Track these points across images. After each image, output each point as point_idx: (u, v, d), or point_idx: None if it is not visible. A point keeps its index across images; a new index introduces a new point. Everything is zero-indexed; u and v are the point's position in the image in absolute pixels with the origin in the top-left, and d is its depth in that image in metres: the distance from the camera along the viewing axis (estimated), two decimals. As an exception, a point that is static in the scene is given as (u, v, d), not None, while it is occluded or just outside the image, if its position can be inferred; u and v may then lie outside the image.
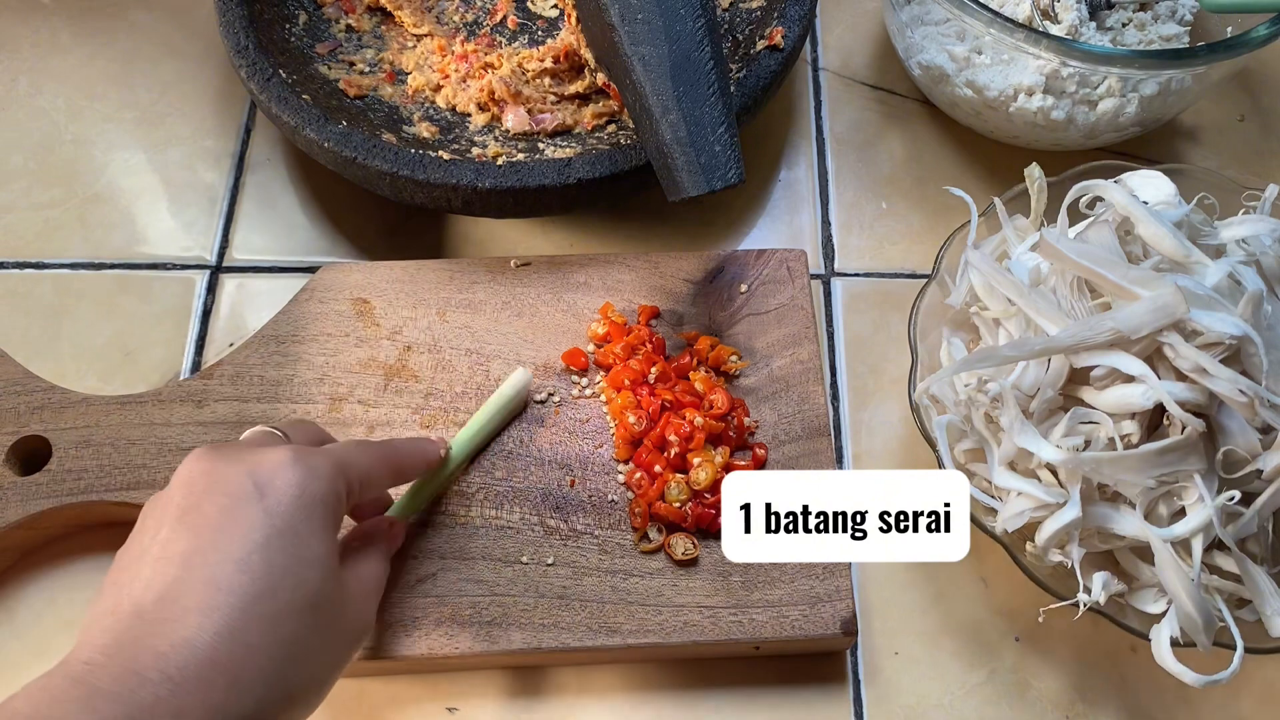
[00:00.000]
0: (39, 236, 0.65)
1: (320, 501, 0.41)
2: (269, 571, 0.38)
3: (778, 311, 0.59)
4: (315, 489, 0.41)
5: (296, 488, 0.40)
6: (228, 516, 0.39)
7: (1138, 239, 0.51)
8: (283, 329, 0.58)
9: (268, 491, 0.40)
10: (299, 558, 0.39)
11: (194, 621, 0.36)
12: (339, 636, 0.41)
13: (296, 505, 0.40)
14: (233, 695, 0.35)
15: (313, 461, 0.41)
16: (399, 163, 0.58)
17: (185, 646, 0.35)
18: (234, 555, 0.38)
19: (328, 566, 0.40)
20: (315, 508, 0.40)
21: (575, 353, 0.57)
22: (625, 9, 0.55)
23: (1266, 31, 0.57)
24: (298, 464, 0.41)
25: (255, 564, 0.38)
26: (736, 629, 0.51)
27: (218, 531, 0.38)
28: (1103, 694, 0.54)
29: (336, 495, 0.42)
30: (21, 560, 0.55)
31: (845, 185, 0.69)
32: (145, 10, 0.74)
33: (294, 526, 0.39)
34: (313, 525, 0.40)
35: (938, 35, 0.65)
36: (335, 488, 0.42)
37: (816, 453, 0.55)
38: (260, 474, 0.40)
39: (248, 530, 0.38)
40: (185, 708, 0.34)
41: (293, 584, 0.38)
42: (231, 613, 0.37)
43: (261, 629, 0.37)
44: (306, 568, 0.39)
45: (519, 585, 0.52)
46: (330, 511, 0.41)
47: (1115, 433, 0.47)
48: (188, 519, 0.39)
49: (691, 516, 0.52)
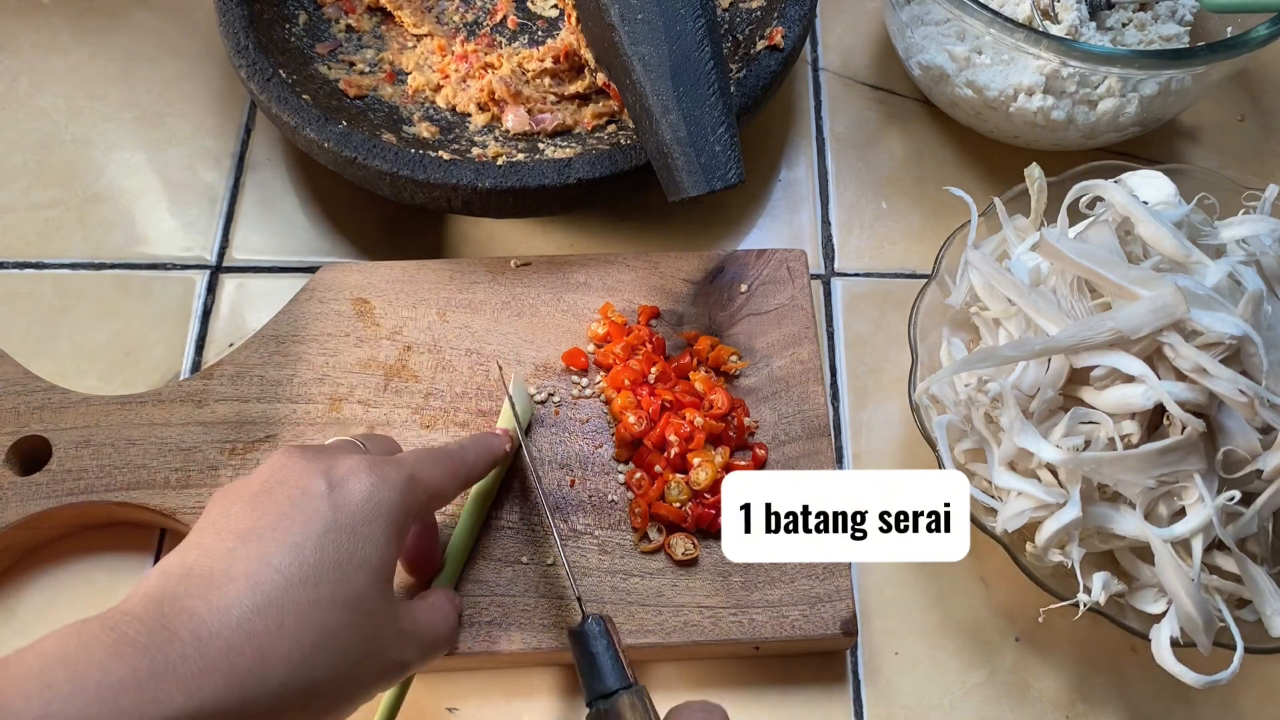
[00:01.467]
0: (39, 236, 0.65)
1: (387, 510, 0.41)
2: (319, 561, 0.39)
3: (778, 311, 0.59)
4: (384, 496, 0.42)
5: (366, 492, 0.41)
6: (294, 505, 0.40)
7: (1138, 239, 0.51)
8: (283, 329, 0.58)
9: (338, 490, 0.41)
10: (351, 557, 0.40)
11: (235, 591, 0.37)
12: (374, 652, 0.41)
13: (362, 508, 0.41)
14: (257, 669, 0.36)
15: (386, 471, 0.42)
16: (399, 163, 0.58)
17: (221, 612, 0.36)
18: (291, 539, 0.39)
19: (378, 575, 0.41)
20: (380, 514, 0.41)
21: (575, 353, 0.57)
22: (625, 9, 0.55)
23: (1266, 31, 0.57)
24: (372, 471, 0.42)
25: (308, 551, 0.39)
26: (736, 629, 0.51)
27: (281, 516, 0.40)
28: (1103, 694, 0.54)
29: (404, 509, 0.42)
30: (22, 560, 0.55)
31: (845, 185, 0.69)
32: (145, 10, 0.74)
33: (354, 527, 0.40)
34: (373, 530, 0.41)
35: (938, 35, 0.65)
36: (405, 500, 0.43)
37: (816, 453, 0.55)
38: (335, 474, 0.42)
39: (309, 519, 0.40)
40: (208, 669, 0.35)
41: (338, 578, 0.39)
42: (273, 590, 0.37)
43: (299, 613, 0.38)
44: (356, 568, 0.40)
45: (519, 585, 0.52)
46: (394, 523, 0.42)
47: (1115, 433, 0.47)
48: (258, 501, 0.40)
49: (691, 517, 0.52)
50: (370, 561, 0.40)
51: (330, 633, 0.38)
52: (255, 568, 0.38)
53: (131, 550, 0.56)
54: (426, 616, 0.46)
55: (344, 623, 0.39)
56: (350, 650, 0.39)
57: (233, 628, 0.36)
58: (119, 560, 0.56)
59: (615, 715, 0.44)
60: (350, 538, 0.40)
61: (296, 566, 0.38)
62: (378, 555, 0.41)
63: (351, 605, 0.39)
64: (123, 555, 0.56)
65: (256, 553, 0.38)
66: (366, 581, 0.40)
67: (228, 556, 0.38)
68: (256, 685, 0.36)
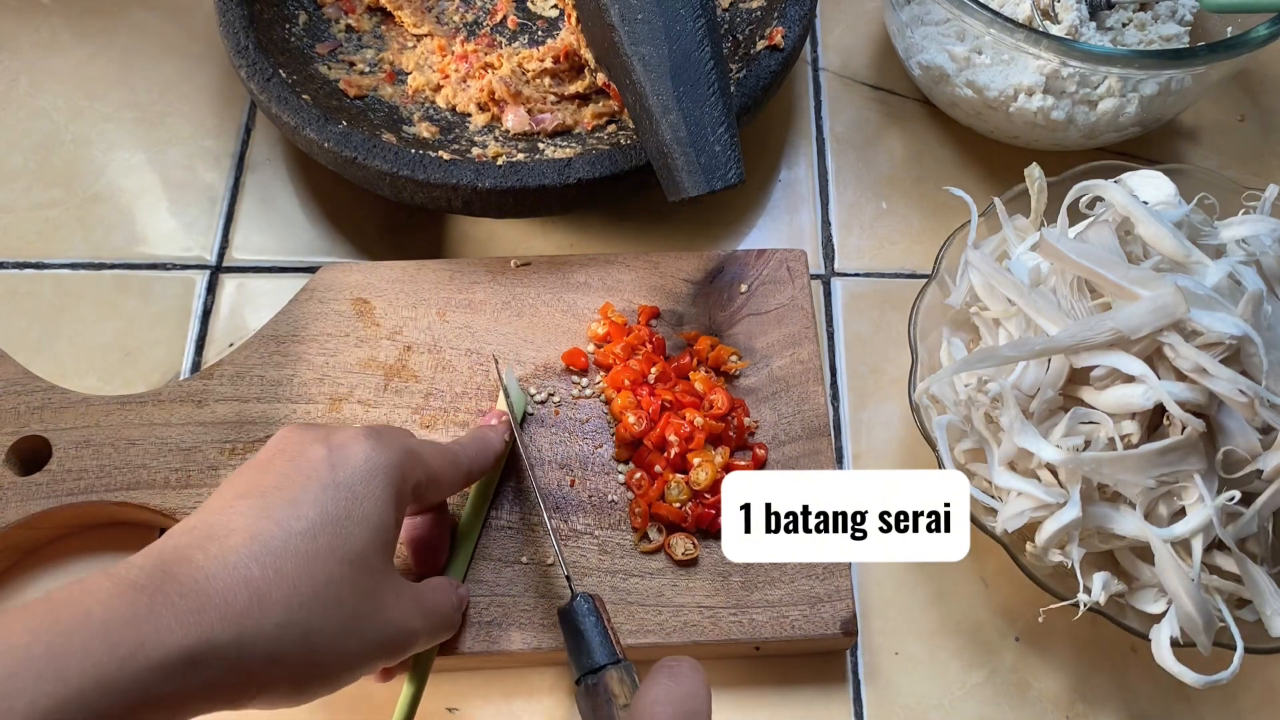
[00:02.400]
0: (39, 236, 0.65)
1: (384, 470, 0.43)
2: (319, 515, 0.40)
3: (778, 311, 0.59)
4: (382, 459, 0.43)
5: (364, 454, 0.43)
6: (294, 467, 0.42)
7: (1138, 239, 0.51)
8: (283, 329, 0.58)
9: (336, 453, 0.43)
10: (350, 513, 0.41)
11: (234, 541, 0.39)
12: (374, 610, 0.42)
13: (361, 468, 0.42)
14: (253, 609, 0.37)
15: (385, 438, 0.44)
16: (399, 163, 0.58)
17: (219, 559, 0.38)
18: (289, 495, 0.41)
19: (378, 534, 0.42)
20: (378, 474, 0.43)
21: (575, 353, 0.57)
22: (625, 9, 0.55)
23: (1266, 31, 0.57)
24: (370, 437, 0.44)
25: (306, 505, 0.41)
26: (736, 629, 0.51)
27: (282, 477, 0.42)
28: (1103, 694, 0.54)
29: (401, 471, 0.44)
30: (22, 560, 0.55)
31: (845, 185, 0.69)
32: (145, 10, 0.74)
33: (352, 485, 0.42)
34: (371, 488, 0.42)
35: (938, 35, 0.65)
36: (401, 463, 0.44)
37: (816, 453, 0.55)
38: (334, 440, 0.43)
39: (308, 479, 0.41)
40: (205, 607, 0.37)
41: (336, 531, 0.41)
42: (271, 540, 0.39)
43: (296, 561, 0.39)
44: (355, 524, 0.41)
45: (519, 585, 0.52)
46: (392, 484, 0.43)
47: (1115, 433, 0.47)
48: (261, 468, 0.42)
49: (691, 517, 0.52)
50: (369, 519, 0.42)
51: (328, 582, 0.40)
52: (253, 520, 0.40)
53: (131, 550, 0.54)
54: (430, 593, 0.47)
55: (342, 575, 0.40)
56: (348, 602, 0.40)
57: (230, 571, 0.38)
58: (119, 560, 0.55)
59: (604, 689, 0.44)
60: (349, 494, 0.41)
61: (295, 519, 0.40)
62: (376, 514, 0.42)
63: (350, 559, 0.41)
64: (123, 555, 0.54)
65: (256, 507, 0.40)
66: (365, 538, 0.41)
67: (227, 512, 0.40)
68: (253, 625, 0.37)
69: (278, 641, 0.38)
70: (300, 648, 0.39)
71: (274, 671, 0.39)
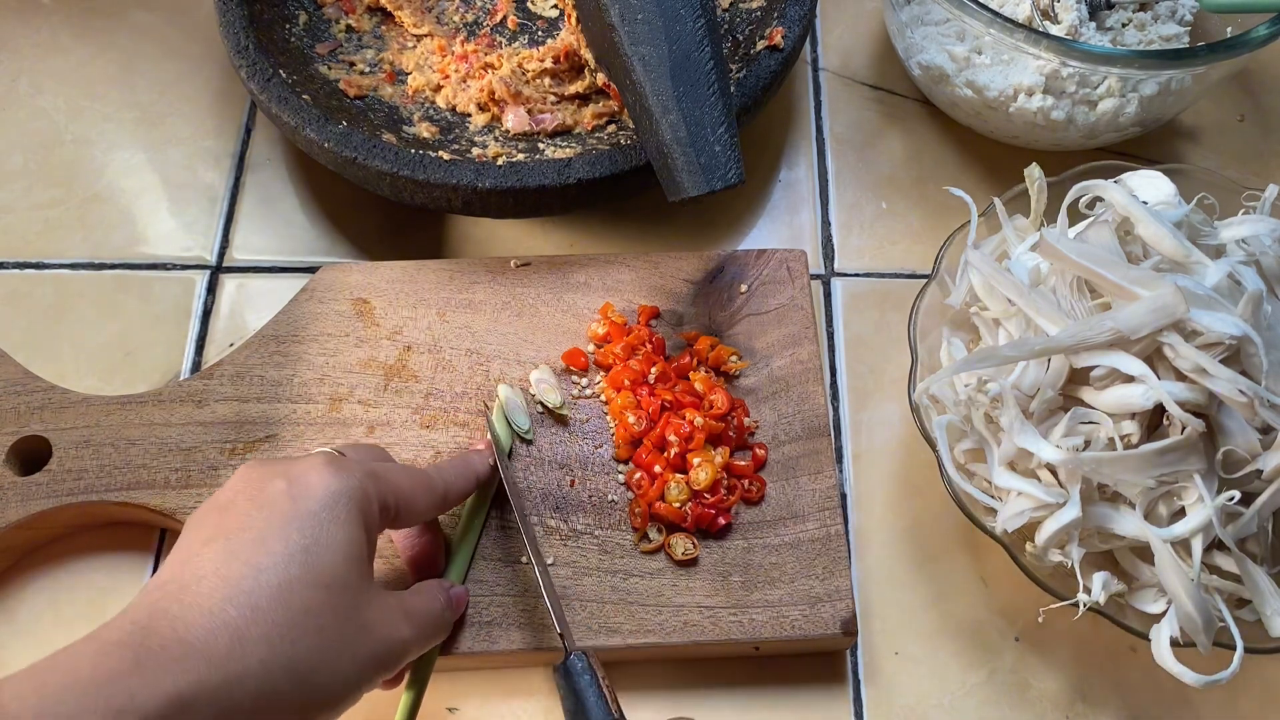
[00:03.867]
0: (39, 236, 0.65)
1: (345, 495, 0.43)
2: (286, 549, 0.40)
3: (778, 312, 0.59)
4: (342, 485, 0.43)
5: (324, 482, 0.43)
6: (256, 506, 0.42)
7: (1138, 239, 0.51)
8: (283, 329, 0.58)
9: (296, 485, 0.42)
10: (317, 539, 0.41)
11: (206, 587, 0.39)
12: (360, 629, 0.42)
13: (321, 496, 0.42)
14: (236, 650, 0.38)
15: (343, 464, 0.44)
16: (399, 163, 0.58)
17: (195, 607, 0.38)
18: (255, 535, 0.41)
19: (349, 555, 0.42)
20: (340, 499, 0.42)
21: (575, 353, 0.57)
22: (625, 9, 0.55)
23: (1266, 31, 0.57)
24: (328, 465, 0.43)
25: (272, 541, 0.40)
26: (736, 629, 0.51)
27: (246, 517, 0.41)
28: (1103, 694, 0.54)
29: (364, 493, 0.43)
30: (22, 560, 0.55)
31: (845, 185, 0.69)
32: (145, 10, 0.74)
33: (315, 513, 0.42)
34: (335, 514, 0.42)
35: (938, 35, 0.65)
36: (364, 487, 0.44)
37: (816, 452, 0.55)
38: (293, 473, 0.43)
39: (270, 515, 0.41)
40: (189, 654, 0.37)
41: (306, 560, 0.40)
42: (242, 581, 0.39)
43: (271, 597, 0.39)
44: (324, 549, 0.41)
45: (519, 585, 0.52)
46: (356, 506, 0.43)
47: (1115, 433, 0.47)
48: (224, 509, 0.42)
49: (691, 516, 0.52)
50: (337, 542, 0.42)
51: (306, 610, 0.40)
52: (222, 564, 0.40)
53: (131, 550, 0.56)
54: (416, 598, 0.47)
55: (319, 601, 0.40)
56: (330, 626, 0.40)
57: (207, 617, 0.38)
58: (119, 560, 0.56)
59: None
60: (313, 523, 0.41)
61: (263, 555, 0.40)
62: (344, 535, 0.42)
63: (325, 584, 0.41)
64: (123, 555, 0.56)
65: (223, 551, 0.40)
66: (336, 561, 0.41)
67: (195, 560, 0.40)
68: (238, 666, 0.37)
69: (265, 678, 0.38)
70: (290, 680, 0.39)
71: (270, 708, 0.38)
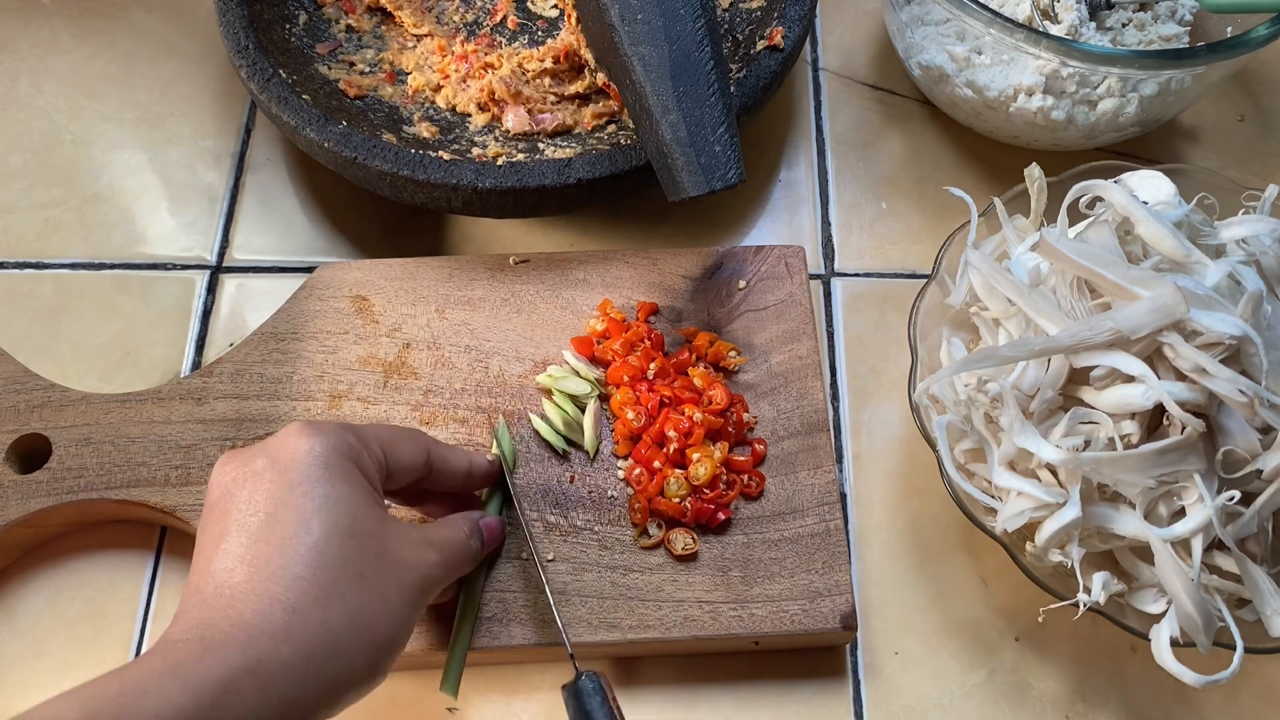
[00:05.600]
0: (39, 236, 0.65)
1: (332, 452, 0.43)
2: (299, 515, 0.41)
3: (776, 307, 0.59)
4: (324, 444, 0.43)
5: (305, 448, 0.43)
6: (250, 489, 0.42)
7: (1138, 239, 0.51)
8: (282, 326, 0.58)
9: (280, 459, 0.43)
10: (325, 497, 0.42)
11: (242, 576, 0.40)
12: (394, 562, 0.43)
13: (309, 460, 0.42)
14: (296, 621, 0.39)
15: (319, 426, 0.44)
16: (399, 163, 0.58)
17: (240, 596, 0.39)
18: (264, 514, 0.41)
19: (360, 503, 0.43)
20: (330, 458, 0.43)
21: (585, 341, 0.57)
22: (625, 9, 0.55)
23: (1266, 31, 0.57)
24: (303, 430, 0.44)
25: (284, 513, 0.41)
26: (736, 624, 0.51)
27: (247, 504, 0.42)
28: (1103, 694, 0.54)
29: (349, 446, 0.44)
30: (22, 559, 0.55)
31: (845, 185, 0.69)
32: (145, 10, 0.74)
33: (311, 475, 0.42)
34: (330, 472, 0.42)
35: (938, 35, 0.65)
36: (346, 441, 0.44)
37: (815, 448, 0.55)
38: (271, 448, 0.43)
39: (269, 492, 0.42)
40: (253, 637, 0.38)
41: (324, 519, 0.41)
42: (272, 558, 0.40)
43: (306, 561, 0.40)
44: (335, 503, 0.42)
45: (519, 581, 0.52)
46: (345, 456, 0.43)
47: (1115, 433, 0.47)
48: (220, 505, 0.42)
49: (691, 512, 0.52)
50: (343, 493, 0.42)
51: (343, 563, 0.41)
52: (247, 550, 0.40)
53: (132, 548, 0.56)
54: (440, 528, 0.48)
55: (352, 550, 0.41)
56: (370, 571, 0.42)
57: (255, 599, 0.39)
58: (119, 558, 0.56)
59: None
60: (313, 483, 0.42)
61: (282, 528, 0.41)
62: (346, 485, 0.43)
63: (350, 533, 0.41)
64: (123, 553, 0.56)
65: (241, 542, 0.41)
66: (351, 510, 0.42)
67: (218, 559, 0.40)
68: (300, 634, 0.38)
69: (330, 638, 0.39)
70: (352, 630, 0.40)
71: (344, 664, 0.40)
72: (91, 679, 0.36)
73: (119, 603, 0.55)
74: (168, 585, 0.55)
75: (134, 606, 0.55)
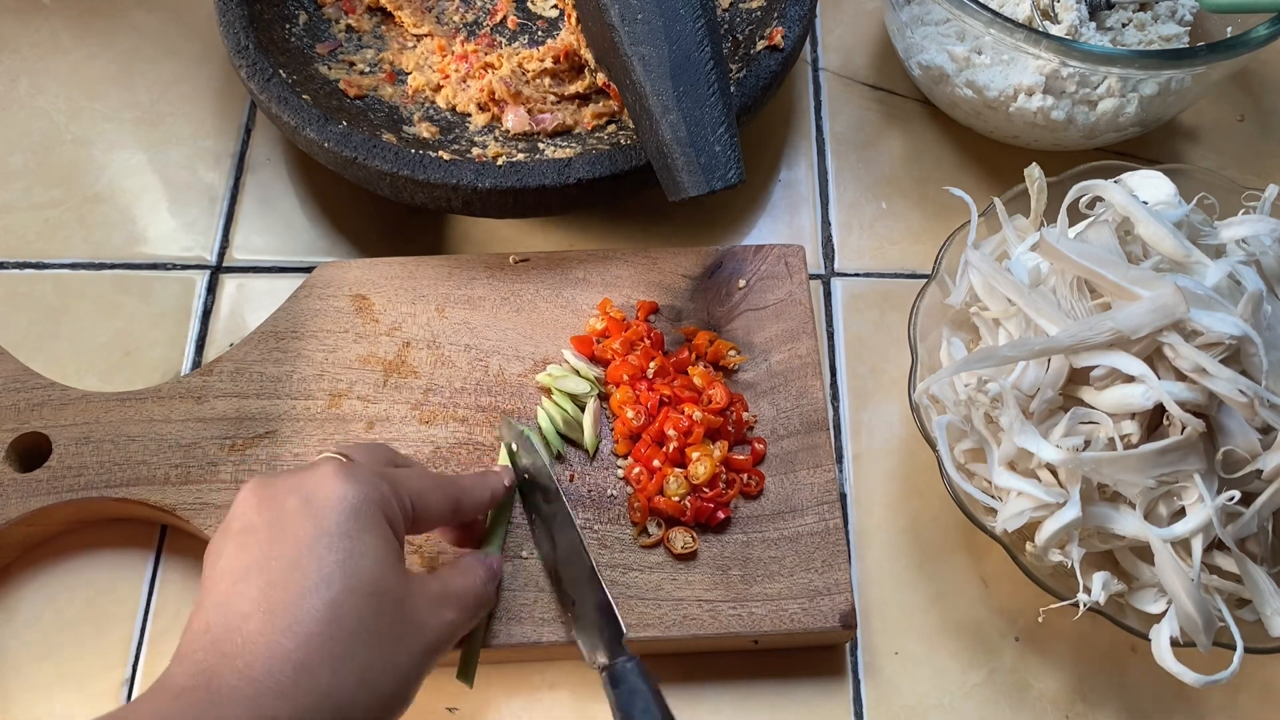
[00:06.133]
0: (39, 236, 0.65)
1: (365, 502, 0.42)
2: (321, 568, 0.40)
3: (776, 307, 0.59)
4: (359, 494, 0.42)
5: (340, 492, 0.42)
6: (279, 529, 0.41)
7: (1138, 239, 0.51)
8: (282, 325, 0.58)
9: (313, 502, 0.42)
10: (350, 552, 0.41)
11: (255, 625, 0.39)
12: (413, 626, 0.42)
13: (342, 508, 0.42)
14: (304, 681, 0.38)
15: (356, 472, 0.43)
16: (399, 163, 0.58)
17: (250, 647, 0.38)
18: (287, 560, 0.40)
19: (384, 559, 0.42)
20: (362, 508, 0.42)
21: (585, 340, 0.57)
22: (625, 9, 0.55)
23: (1266, 31, 0.57)
24: (340, 475, 0.43)
25: (306, 563, 0.40)
26: (735, 622, 0.51)
27: (272, 543, 0.41)
28: (1103, 694, 0.54)
29: (382, 497, 0.43)
30: (22, 558, 0.55)
31: (845, 185, 0.69)
32: (145, 10, 0.74)
33: (341, 526, 0.41)
34: (361, 524, 0.42)
35: (938, 35, 0.65)
36: (380, 491, 0.43)
37: (815, 447, 0.55)
38: (306, 488, 0.42)
39: (297, 536, 0.41)
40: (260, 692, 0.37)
41: (345, 575, 0.40)
42: (288, 610, 0.39)
43: (320, 618, 0.39)
44: (359, 559, 0.41)
45: (519, 580, 0.52)
46: (377, 511, 0.43)
47: (1115, 433, 0.47)
48: (244, 538, 0.41)
49: (690, 510, 0.52)
50: (369, 549, 0.41)
51: (359, 622, 0.40)
52: (262, 597, 0.39)
53: (132, 547, 0.56)
54: (456, 577, 0.47)
55: (369, 609, 0.40)
56: (386, 632, 0.41)
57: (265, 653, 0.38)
58: (119, 557, 0.56)
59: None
60: (343, 538, 0.41)
61: (302, 578, 0.40)
62: (373, 541, 0.42)
63: (369, 592, 0.41)
64: (123, 552, 0.56)
65: (259, 585, 0.40)
66: (373, 568, 0.41)
67: (236, 601, 0.40)
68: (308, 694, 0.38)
69: (338, 697, 0.39)
70: (360, 689, 0.39)
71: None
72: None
73: (119, 603, 0.55)
74: (168, 585, 0.55)
75: (134, 606, 0.55)
